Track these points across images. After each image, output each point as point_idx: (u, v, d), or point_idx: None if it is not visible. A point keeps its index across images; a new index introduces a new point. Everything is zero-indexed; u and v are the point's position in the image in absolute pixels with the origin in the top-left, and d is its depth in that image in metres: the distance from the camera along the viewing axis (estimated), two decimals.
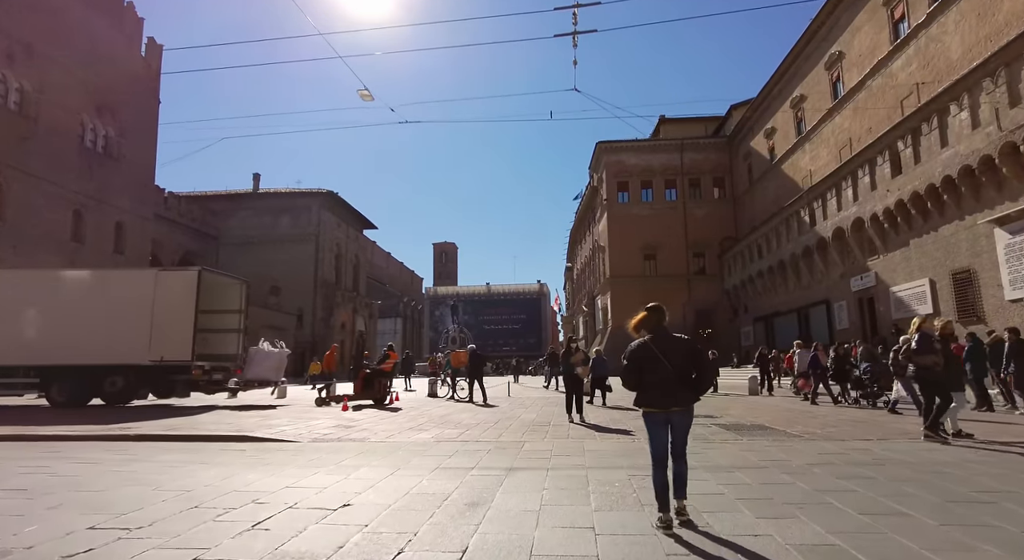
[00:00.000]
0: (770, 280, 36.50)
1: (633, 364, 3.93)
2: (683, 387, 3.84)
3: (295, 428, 8.89)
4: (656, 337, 3.93)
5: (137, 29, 36.23)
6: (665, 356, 3.82)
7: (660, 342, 3.89)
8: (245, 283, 16.49)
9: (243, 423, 9.67)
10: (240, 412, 12.40)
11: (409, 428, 9.02)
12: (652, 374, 3.84)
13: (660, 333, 3.96)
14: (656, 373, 3.83)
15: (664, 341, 3.91)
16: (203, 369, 14.34)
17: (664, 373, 3.80)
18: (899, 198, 22.81)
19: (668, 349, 3.86)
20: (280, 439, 7.70)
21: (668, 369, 3.80)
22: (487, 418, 10.78)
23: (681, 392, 3.84)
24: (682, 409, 3.87)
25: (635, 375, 3.93)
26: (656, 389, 3.84)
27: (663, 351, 3.84)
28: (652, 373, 3.84)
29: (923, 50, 24.61)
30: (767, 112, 41.12)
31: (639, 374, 3.91)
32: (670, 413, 3.84)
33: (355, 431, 8.69)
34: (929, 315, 19.49)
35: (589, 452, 6.59)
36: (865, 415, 10.74)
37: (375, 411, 12.38)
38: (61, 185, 29.72)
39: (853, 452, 6.43)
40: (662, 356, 3.82)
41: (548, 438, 7.85)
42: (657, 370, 3.82)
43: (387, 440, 7.71)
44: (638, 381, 3.92)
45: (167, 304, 13.98)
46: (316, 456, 6.49)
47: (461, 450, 6.80)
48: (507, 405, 14.24)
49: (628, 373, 3.97)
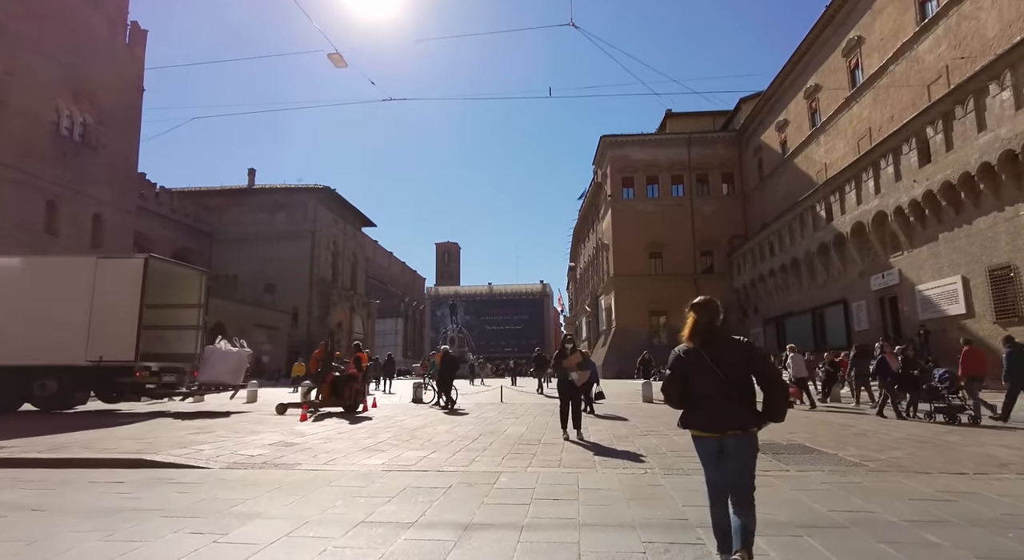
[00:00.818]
0: (782, 279, 34.76)
1: (677, 374, 3.13)
2: (740, 404, 2.98)
3: (219, 448, 7.11)
4: (706, 340, 3.09)
5: (120, 13, 34.56)
6: (717, 364, 2.98)
7: (711, 346, 3.06)
8: (205, 274, 14.73)
9: (164, 438, 7.88)
10: (181, 421, 10.63)
11: (362, 449, 7.22)
12: (701, 387, 3.04)
13: (711, 334, 3.11)
14: (705, 386, 3.01)
15: (716, 344, 3.06)
16: (150, 370, 12.57)
17: (715, 386, 2.98)
18: (927, 189, 21.04)
19: (721, 355, 3.01)
20: (185, 465, 5.93)
21: (721, 380, 2.96)
22: (466, 432, 8.99)
23: (738, 410, 2.97)
24: (740, 434, 2.97)
25: (678, 388, 3.12)
26: (706, 407, 3.03)
27: (715, 357, 3.00)
28: (701, 386, 3.04)
29: (954, 30, 22.79)
30: (779, 104, 39.38)
31: (684, 387, 3.10)
32: (724, 439, 2.99)
33: (292, 452, 6.91)
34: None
35: (586, 493, 4.78)
36: (922, 430, 8.91)
37: (337, 422, 10.59)
38: (33, 174, 28.01)
39: (961, 498, 4.56)
40: (713, 364, 2.98)
41: (533, 466, 6.05)
42: (707, 382, 3.01)
43: (322, 468, 5.93)
44: (683, 396, 3.12)
45: (109, 296, 12.21)
46: (207, 496, 4.72)
47: (411, 487, 5.01)
48: (495, 414, 12.44)
49: (670, 385, 3.17)
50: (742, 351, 3.08)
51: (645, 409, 13.45)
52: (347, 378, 12.34)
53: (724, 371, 2.97)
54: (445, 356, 14.19)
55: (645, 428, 9.41)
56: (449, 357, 14.18)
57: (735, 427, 2.96)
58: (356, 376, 12.58)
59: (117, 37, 34.13)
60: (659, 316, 44.01)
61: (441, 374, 14.07)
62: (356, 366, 12.77)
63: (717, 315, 3.16)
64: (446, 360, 14.03)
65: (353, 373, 12.45)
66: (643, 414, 12.13)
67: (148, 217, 43.87)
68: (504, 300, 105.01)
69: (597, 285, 53.06)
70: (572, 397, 8.36)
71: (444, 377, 13.94)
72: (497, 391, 19.10)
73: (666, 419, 10.92)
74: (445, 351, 14.47)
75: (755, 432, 3.02)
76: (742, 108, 46.36)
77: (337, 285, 56.56)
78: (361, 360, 12.77)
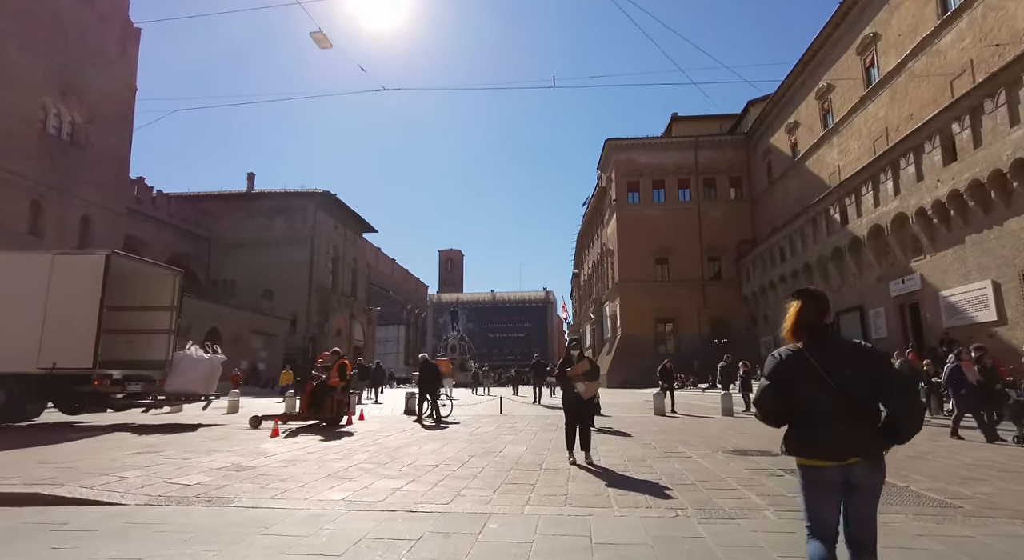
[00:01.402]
0: (794, 286, 33.37)
1: (777, 385, 2.38)
2: (865, 424, 2.29)
3: (151, 475, 5.84)
4: (815, 342, 2.40)
5: (112, 11, 33.61)
6: (831, 372, 2.29)
7: (822, 350, 2.37)
8: (179, 273, 13.51)
9: (92, 461, 6.59)
10: (136, 437, 9.38)
11: (326, 475, 5.98)
12: (811, 402, 2.32)
13: (821, 335, 2.43)
14: (817, 401, 2.31)
15: (829, 348, 2.38)
16: (111, 379, 11.34)
17: (830, 401, 2.28)
18: (953, 188, 19.89)
19: (836, 361, 2.32)
20: (92, 500, 4.67)
21: (837, 394, 2.27)
22: (455, 453, 7.74)
23: (862, 433, 2.28)
24: (866, 462, 2.28)
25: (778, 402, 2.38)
26: (818, 427, 2.31)
27: (827, 365, 2.31)
28: (811, 400, 2.32)
29: (979, 21, 21.66)
30: (789, 105, 38.34)
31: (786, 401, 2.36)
32: (847, 469, 2.28)
33: (240, 480, 5.67)
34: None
35: (602, 551, 3.52)
36: (990, 452, 7.65)
37: (311, 439, 9.34)
38: (16, 172, 26.93)
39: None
40: (826, 373, 2.29)
41: (533, 503, 4.80)
42: (819, 396, 2.30)
43: (264, 505, 4.67)
44: (783, 412, 2.38)
45: (65, 297, 11.00)
46: (85, 555, 3.49)
47: (368, 540, 3.75)
48: (492, 429, 11.18)
49: (766, 399, 2.40)
50: (864, 357, 2.37)
51: (659, 424, 12.17)
52: (328, 388, 11.10)
53: (841, 381, 2.31)
54: (424, 364, 12.94)
55: (663, 448, 8.15)
56: (429, 365, 12.92)
57: (860, 454, 2.29)
58: (338, 386, 11.34)
59: (108, 35, 33.18)
60: (666, 323, 42.76)
61: (420, 384, 12.85)
62: (340, 375, 11.51)
63: (828, 310, 2.49)
64: (425, 369, 12.78)
65: (335, 383, 11.20)
66: (657, 430, 10.87)
67: (145, 222, 43.00)
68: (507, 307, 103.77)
69: (602, 292, 51.78)
70: (580, 413, 7.10)
71: (424, 387, 12.70)
72: (497, 402, 17.82)
73: (685, 436, 9.66)
74: (424, 359, 13.21)
75: (882, 460, 2.35)
76: (750, 111, 45.38)
77: (337, 291, 55.55)
78: (345, 368, 11.49)
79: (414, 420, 12.42)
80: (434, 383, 12.87)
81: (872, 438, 2.31)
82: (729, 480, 5.75)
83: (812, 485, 2.38)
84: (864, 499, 2.34)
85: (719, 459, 7.16)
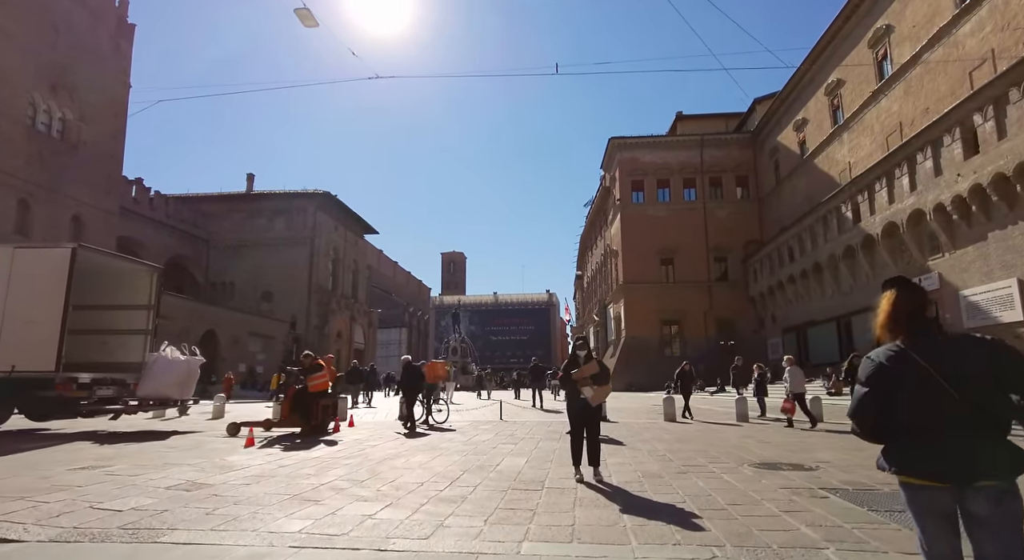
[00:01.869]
0: (803, 286, 32.60)
1: (878, 390, 1.95)
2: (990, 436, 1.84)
3: (80, 497, 4.92)
4: (919, 339, 1.97)
5: (105, 7, 32.90)
6: (944, 373, 1.85)
7: (928, 348, 1.92)
8: (156, 270, 12.65)
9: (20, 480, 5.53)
10: (95, 447, 8.48)
11: (291, 497, 5.07)
12: (917, 410, 1.90)
13: (924, 331, 1.99)
14: (925, 408, 1.88)
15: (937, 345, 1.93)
16: (76, 383, 10.47)
17: (943, 407, 1.85)
18: (975, 182, 19.00)
19: (948, 360, 1.88)
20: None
21: (953, 399, 1.83)
22: (446, 468, 6.84)
23: (987, 447, 1.83)
24: (995, 485, 1.80)
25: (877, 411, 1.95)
26: (929, 440, 1.88)
27: (938, 364, 1.86)
28: (917, 408, 1.90)
29: (1001, 9, 20.77)
30: (797, 102, 37.46)
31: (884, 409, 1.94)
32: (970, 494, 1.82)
33: (185, 504, 4.77)
34: None
35: None
36: None
37: (287, 450, 8.45)
38: (3, 170, 26.15)
39: None
40: (937, 374, 1.85)
41: (532, 538, 3.88)
42: (927, 402, 1.87)
43: (197, 542, 3.78)
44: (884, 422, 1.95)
45: (27, 294, 10.16)
46: None
47: None
48: (491, 436, 10.28)
49: (865, 406, 1.97)
50: (983, 353, 1.90)
51: (671, 431, 11.25)
52: (313, 393, 10.21)
53: (957, 384, 1.84)
54: (407, 367, 12.01)
55: (681, 461, 7.23)
56: (412, 368, 11.99)
57: (985, 474, 1.81)
58: (324, 390, 10.45)
59: (101, 30, 32.45)
60: (671, 325, 41.80)
61: (402, 388, 11.93)
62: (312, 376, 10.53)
63: (928, 301, 2.11)
64: (408, 371, 11.85)
65: (319, 388, 10.29)
66: (671, 438, 9.95)
67: (143, 223, 42.35)
68: (509, 310, 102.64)
69: (605, 293, 50.84)
70: (587, 422, 6.18)
71: (407, 392, 11.78)
72: (497, 406, 16.92)
73: (702, 446, 8.74)
74: (407, 361, 12.29)
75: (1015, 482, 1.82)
76: (756, 109, 44.51)
77: (337, 293, 54.75)
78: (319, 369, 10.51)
79: (406, 427, 11.51)
80: (417, 386, 11.94)
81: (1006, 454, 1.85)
82: (766, 504, 4.84)
83: (920, 506, 1.95)
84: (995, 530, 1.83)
85: (747, 474, 6.26)
